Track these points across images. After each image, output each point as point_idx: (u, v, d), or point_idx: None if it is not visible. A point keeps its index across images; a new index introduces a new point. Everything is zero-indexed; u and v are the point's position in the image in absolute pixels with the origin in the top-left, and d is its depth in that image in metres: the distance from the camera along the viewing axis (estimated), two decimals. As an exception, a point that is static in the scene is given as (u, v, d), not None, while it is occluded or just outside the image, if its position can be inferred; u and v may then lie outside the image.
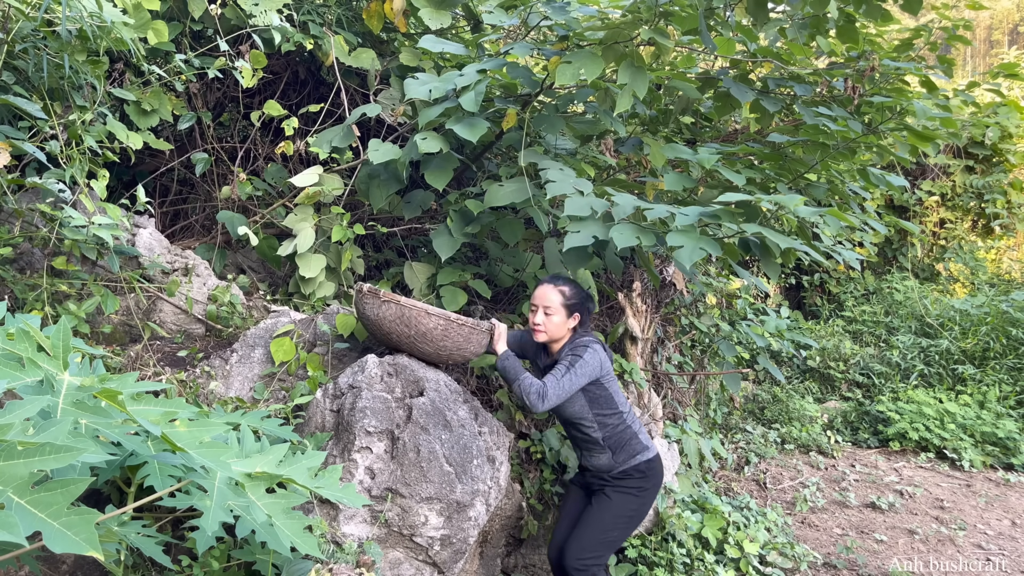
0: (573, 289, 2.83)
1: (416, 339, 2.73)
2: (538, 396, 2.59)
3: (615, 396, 2.80)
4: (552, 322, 2.78)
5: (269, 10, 3.43)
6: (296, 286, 3.67)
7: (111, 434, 1.49)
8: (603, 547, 2.73)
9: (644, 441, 2.82)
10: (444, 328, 2.72)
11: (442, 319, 2.71)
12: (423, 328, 2.70)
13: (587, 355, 2.69)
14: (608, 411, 2.77)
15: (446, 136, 3.34)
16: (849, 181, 3.93)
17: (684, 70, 4.09)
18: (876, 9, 3.21)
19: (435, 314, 2.70)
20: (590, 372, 2.68)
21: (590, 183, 3.15)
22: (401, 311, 2.70)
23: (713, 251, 2.68)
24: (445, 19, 3.75)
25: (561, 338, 2.83)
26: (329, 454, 2.50)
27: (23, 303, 2.76)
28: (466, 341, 2.78)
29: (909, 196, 7.93)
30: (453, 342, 2.75)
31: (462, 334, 2.75)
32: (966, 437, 5.23)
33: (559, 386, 2.62)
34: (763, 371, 6.20)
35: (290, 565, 2.01)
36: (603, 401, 2.76)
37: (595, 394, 2.75)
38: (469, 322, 2.76)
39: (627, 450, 2.78)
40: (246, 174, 3.82)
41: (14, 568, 2.07)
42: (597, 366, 2.70)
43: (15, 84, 2.69)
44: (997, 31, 22.56)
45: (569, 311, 2.80)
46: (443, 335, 2.72)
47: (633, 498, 2.77)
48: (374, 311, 2.74)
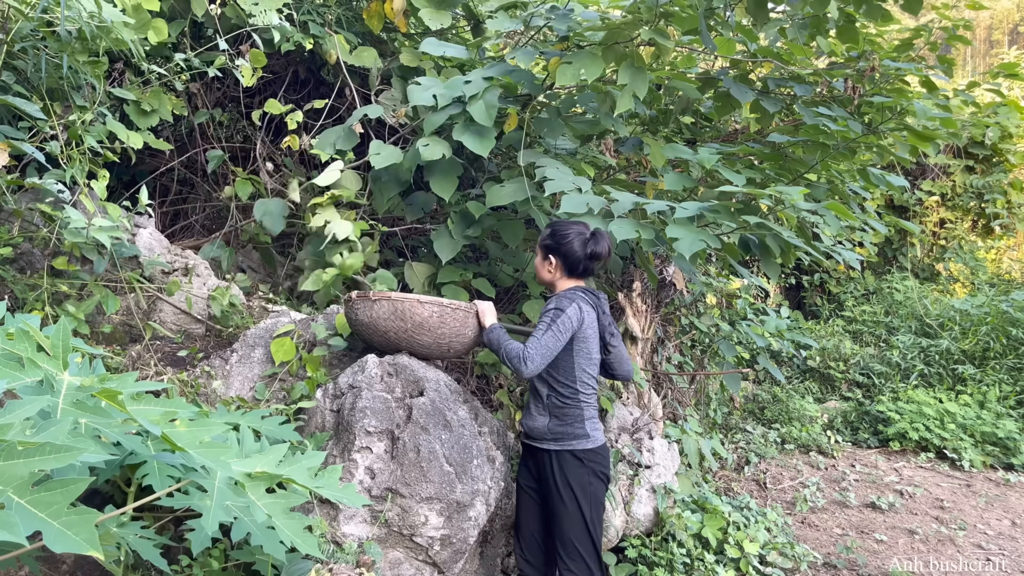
0: (550, 229, 2.71)
1: (413, 332, 2.71)
2: (519, 359, 2.49)
3: (576, 368, 2.61)
4: (535, 265, 2.73)
5: (269, 9, 3.43)
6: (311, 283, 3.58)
7: (111, 434, 1.49)
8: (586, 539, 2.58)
9: (588, 430, 2.62)
10: (439, 315, 2.71)
11: (436, 306, 2.70)
12: (418, 318, 2.69)
13: (570, 310, 2.55)
14: (562, 378, 2.61)
15: (449, 140, 3.34)
16: (849, 181, 3.93)
17: (684, 70, 4.09)
18: (876, 9, 3.21)
19: (428, 302, 2.69)
20: (572, 326, 2.55)
21: (588, 181, 3.15)
22: (394, 306, 2.69)
23: (712, 244, 2.69)
24: (445, 19, 3.75)
25: (550, 283, 2.73)
26: (329, 454, 2.50)
27: (23, 303, 2.76)
28: (463, 326, 2.76)
29: (909, 196, 7.93)
30: (450, 328, 2.74)
31: (457, 318, 2.74)
32: (966, 437, 5.22)
33: (540, 345, 2.49)
34: (763, 371, 6.20)
35: (290, 565, 2.01)
36: (562, 365, 2.60)
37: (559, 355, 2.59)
38: (463, 305, 2.75)
39: (565, 428, 2.60)
40: (246, 174, 3.82)
41: (14, 568, 2.07)
42: (578, 322, 2.57)
43: (15, 84, 2.69)
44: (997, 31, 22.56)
45: (544, 252, 2.71)
46: (440, 322, 2.71)
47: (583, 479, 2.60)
48: (367, 313, 2.73)
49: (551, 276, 2.72)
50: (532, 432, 2.68)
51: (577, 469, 2.59)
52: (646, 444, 3.70)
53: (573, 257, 2.66)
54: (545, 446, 2.63)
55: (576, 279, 2.72)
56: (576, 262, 2.67)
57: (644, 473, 3.58)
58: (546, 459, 2.63)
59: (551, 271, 2.71)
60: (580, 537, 2.56)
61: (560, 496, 2.59)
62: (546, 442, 2.63)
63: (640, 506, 3.47)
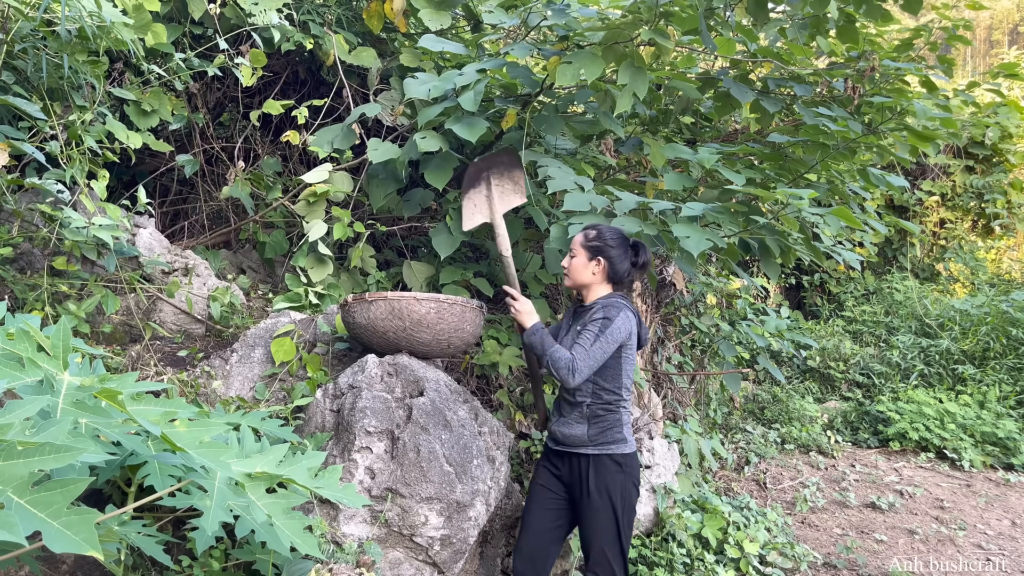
0: (597, 230, 2.62)
1: (412, 329, 2.71)
2: (568, 371, 2.42)
3: (623, 376, 2.58)
4: (574, 264, 2.62)
5: (269, 9, 3.43)
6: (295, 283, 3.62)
7: (111, 434, 1.49)
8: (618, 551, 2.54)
9: (626, 435, 2.60)
10: (437, 311, 2.70)
11: (433, 302, 2.70)
12: (416, 316, 2.69)
13: (619, 319, 2.49)
14: (609, 385, 2.56)
15: (446, 136, 3.34)
16: (849, 181, 3.93)
17: (684, 70, 4.09)
18: (876, 9, 3.21)
19: (425, 298, 2.69)
20: (621, 338, 2.50)
21: (591, 180, 3.16)
22: (391, 305, 2.69)
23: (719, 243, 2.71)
24: (445, 19, 3.75)
25: (587, 285, 2.63)
26: (329, 454, 2.50)
27: (23, 303, 2.76)
28: (461, 320, 2.76)
29: (909, 196, 7.93)
30: (449, 324, 2.73)
31: (455, 313, 2.74)
32: (966, 437, 5.23)
33: (589, 357, 2.44)
34: (763, 371, 6.20)
35: (290, 565, 2.01)
36: (610, 373, 2.55)
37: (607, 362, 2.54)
38: (460, 300, 2.74)
39: (605, 434, 2.56)
40: (246, 173, 3.82)
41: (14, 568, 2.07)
42: (628, 332, 2.52)
43: (15, 84, 2.69)
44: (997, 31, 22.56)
45: (591, 252, 2.60)
46: (437, 318, 2.71)
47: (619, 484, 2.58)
48: (364, 315, 2.72)
49: (591, 279, 2.62)
50: (568, 439, 2.61)
51: (616, 475, 2.54)
52: (646, 444, 3.70)
53: (622, 265, 2.62)
54: (583, 451, 2.59)
55: (615, 286, 2.66)
56: (625, 270, 2.63)
57: (644, 473, 3.58)
58: (583, 463, 2.58)
59: (595, 273, 2.61)
60: (610, 544, 2.51)
61: (594, 500, 2.53)
62: (584, 447, 2.58)
63: (640, 506, 3.47)
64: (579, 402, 2.59)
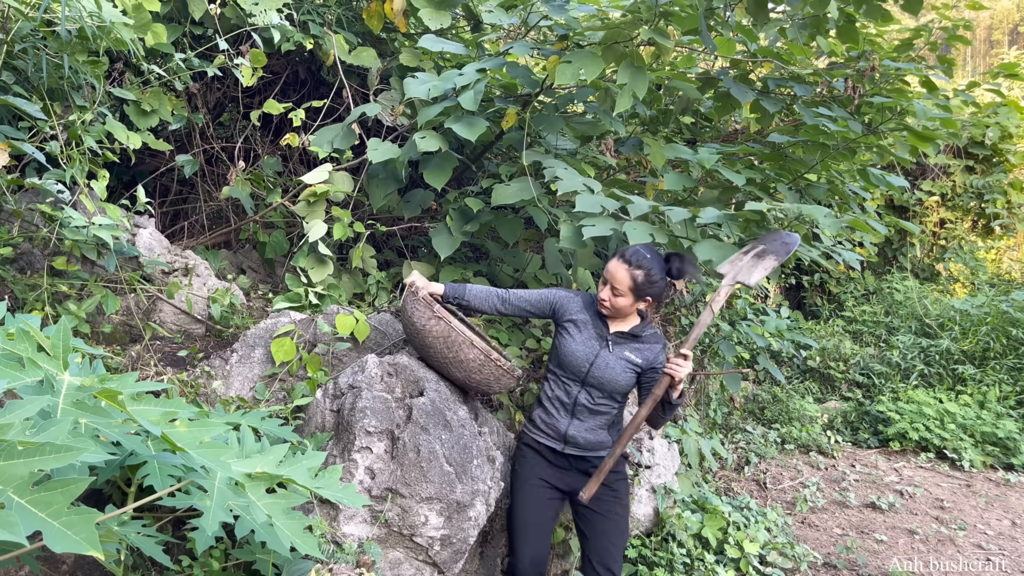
0: (647, 275, 2.61)
1: (452, 364, 2.71)
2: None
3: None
4: (617, 303, 2.67)
5: (269, 9, 3.43)
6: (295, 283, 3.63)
7: (111, 434, 1.49)
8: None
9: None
10: (481, 363, 2.69)
11: (483, 354, 2.67)
12: (462, 357, 2.68)
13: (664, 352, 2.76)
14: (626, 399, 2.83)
15: (445, 136, 3.34)
16: (849, 181, 3.93)
17: (684, 70, 4.09)
18: (876, 9, 3.21)
19: (478, 347, 2.67)
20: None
21: (598, 182, 3.16)
22: (449, 333, 2.65)
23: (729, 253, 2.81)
24: (445, 19, 3.75)
25: (628, 316, 2.76)
26: (329, 454, 2.50)
27: (23, 303, 2.76)
28: (496, 379, 2.75)
29: (909, 196, 7.93)
30: (483, 377, 2.73)
31: (495, 374, 2.72)
32: (966, 437, 5.22)
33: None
34: (763, 371, 6.20)
35: (290, 565, 2.01)
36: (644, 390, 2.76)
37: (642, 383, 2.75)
38: (505, 365, 2.73)
39: (614, 435, 2.81)
40: (246, 174, 3.82)
41: (14, 568, 2.07)
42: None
43: (15, 84, 2.69)
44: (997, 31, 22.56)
45: (637, 295, 2.65)
46: (478, 369, 2.70)
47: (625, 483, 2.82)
48: (422, 320, 2.69)
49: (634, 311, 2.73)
50: (591, 445, 2.76)
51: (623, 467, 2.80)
52: (646, 444, 3.70)
53: (664, 292, 2.74)
54: (602, 453, 2.78)
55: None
56: (664, 296, 2.79)
57: (644, 473, 3.58)
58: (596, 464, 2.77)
59: (640, 309, 2.74)
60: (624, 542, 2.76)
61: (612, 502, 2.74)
62: (605, 451, 2.78)
63: (640, 506, 3.47)
64: (605, 411, 2.76)
